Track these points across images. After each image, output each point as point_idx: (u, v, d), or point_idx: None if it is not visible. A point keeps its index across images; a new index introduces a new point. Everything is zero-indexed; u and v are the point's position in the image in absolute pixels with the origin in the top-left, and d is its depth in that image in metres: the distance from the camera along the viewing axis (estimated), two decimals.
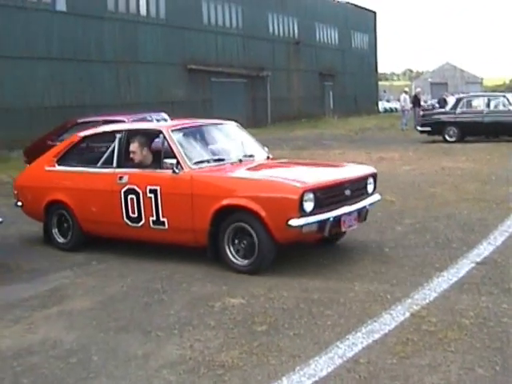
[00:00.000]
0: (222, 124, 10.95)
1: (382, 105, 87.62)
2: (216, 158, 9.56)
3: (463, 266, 8.44)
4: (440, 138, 28.19)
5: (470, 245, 9.52)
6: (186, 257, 9.43)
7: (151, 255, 9.71)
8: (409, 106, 39.93)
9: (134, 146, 9.84)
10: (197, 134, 10.02)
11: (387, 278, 8.06)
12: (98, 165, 10.07)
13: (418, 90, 44.28)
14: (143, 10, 39.21)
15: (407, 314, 6.75)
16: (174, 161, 9.00)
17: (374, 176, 9.66)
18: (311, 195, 8.19)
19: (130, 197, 9.49)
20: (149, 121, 15.49)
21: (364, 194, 9.38)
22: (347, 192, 8.85)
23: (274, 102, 51.84)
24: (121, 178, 9.59)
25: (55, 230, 10.64)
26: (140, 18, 38.81)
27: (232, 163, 9.51)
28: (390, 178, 16.61)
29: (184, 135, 9.63)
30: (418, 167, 19.09)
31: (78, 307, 7.54)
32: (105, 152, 10.16)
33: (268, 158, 10.32)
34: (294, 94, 56.84)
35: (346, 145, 28.80)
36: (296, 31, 58.31)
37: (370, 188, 9.51)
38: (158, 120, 15.62)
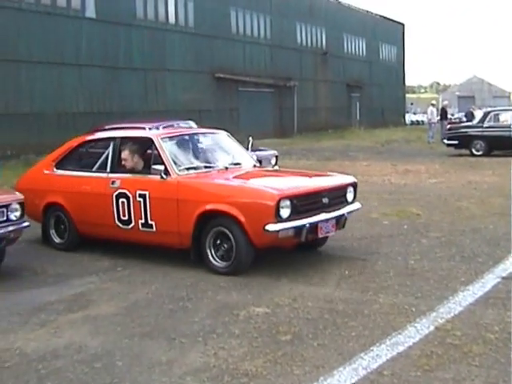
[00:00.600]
0: (212, 133, 11.46)
1: (409, 117, 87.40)
2: (203, 165, 10.03)
3: (489, 281, 8.39)
4: (467, 151, 28.05)
5: (495, 259, 9.46)
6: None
7: (175, 262, 9.72)
8: (436, 118, 39.79)
9: (125, 153, 10.34)
10: (186, 142, 10.58)
11: (412, 291, 8.03)
12: (93, 169, 10.61)
13: (445, 103, 44.14)
14: (172, 19, 39.40)
15: (432, 327, 6.72)
16: (162, 167, 9.47)
17: (353, 185, 10.08)
18: (288, 202, 8.64)
19: (121, 200, 9.98)
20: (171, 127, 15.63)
21: (343, 202, 9.78)
22: (325, 200, 9.27)
23: (300, 113, 51.86)
24: (113, 182, 10.12)
25: (52, 231, 11.09)
26: (168, 26, 38.99)
27: (218, 170, 9.95)
28: (416, 191, 16.59)
29: (173, 143, 10.17)
30: (444, 180, 19.01)
31: (103, 312, 7.57)
32: (100, 157, 10.65)
33: (254, 166, 10.71)
34: (321, 104, 56.84)
35: (372, 156, 28.74)
36: (324, 42, 58.32)
37: (349, 197, 9.92)
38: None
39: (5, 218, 9.08)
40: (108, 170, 10.34)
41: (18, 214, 9.23)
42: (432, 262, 9.46)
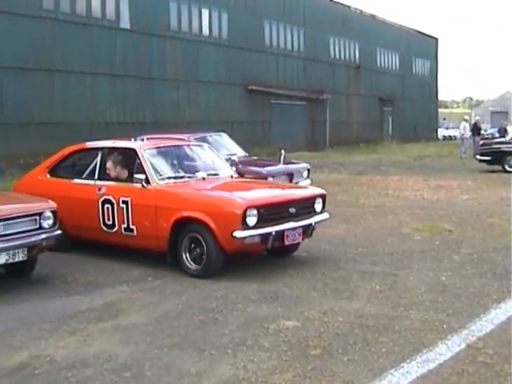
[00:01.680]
0: (193, 145, 12.42)
1: (441, 132, 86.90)
2: (181, 175, 10.78)
3: None
4: (499, 167, 27.82)
5: None
6: (240, 277, 9.51)
7: None
8: (468, 134, 39.55)
9: (110, 163, 11.17)
10: (168, 154, 11.33)
11: (443, 308, 7.98)
12: (83, 177, 11.42)
13: (478, 118, 43.91)
14: (206, 30, 39.54)
15: (463, 345, 6.67)
16: (143, 176, 10.25)
17: (322, 196, 10.65)
18: (254, 211, 9.33)
19: (106, 206, 10.75)
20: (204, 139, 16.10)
21: (311, 212, 10.37)
22: (292, 210, 9.90)
23: (332, 126, 51.79)
24: (99, 189, 10.90)
25: None
26: (202, 38, 39.13)
27: (196, 180, 10.66)
28: (448, 207, 16.49)
29: (155, 154, 10.89)
30: (476, 196, 18.87)
31: (133, 322, 7.60)
32: (89, 166, 11.46)
33: (232, 177, 11.35)
34: (353, 118, 56.73)
35: (404, 171, 28.61)
36: (357, 55, 58.23)
37: (317, 207, 10.50)
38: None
39: (37, 226, 9.17)
40: (96, 177, 11.13)
41: (50, 222, 9.31)
42: (464, 278, 9.39)
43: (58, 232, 9.50)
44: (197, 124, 34.35)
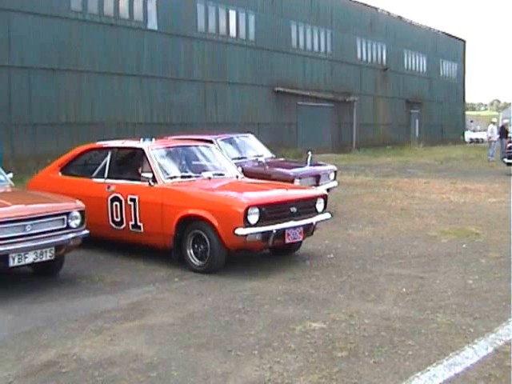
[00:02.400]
0: (200, 146, 12.53)
1: (468, 135, 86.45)
2: (188, 174, 11.12)
3: None
4: None
5: None
6: (266, 278, 9.53)
7: (231, 275, 9.78)
8: (496, 136, 39.32)
9: (120, 161, 11.76)
10: (175, 154, 11.66)
11: (470, 311, 7.93)
12: (93, 175, 11.74)
13: (506, 121, 43.71)
14: (233, 32, 39.59)
15: (490, 349, 6.62)
16: (150, 175, 10.65)
17: (323, 197, 11.01)
18: (256, 209, 9.68)
19: (114, 203, 11.10)
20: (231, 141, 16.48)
21: (313, 212, 10.72)
22: (293, 209, 10.24)
23: (359, 128, 51.68)
24: (109, 187, 11.24)
25: None
26: (229, 39, 39.19)
27: (201, 180, 11.03)
28: (475, 210, 16.40)
29: (162, 154, 11.27)
30: (503, 200, 18.72)
31: (160, 322, 7.62)
32: (99, 164, 11.79)
33: (237, 177, 11.72)
34: (380, 120, 56.59)
35: (430, 174, 28.47)
36: (384, 57, 58.05)
37: (319, 207, 10.86)
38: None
39: (65, 226, 9.21)
40: (105, 175, 11.48)
41: (78, 221, 9.35)
42: (491, 282, 9.33)
43: (86, 232, 9.54)
44: (223, 125, 34.46)
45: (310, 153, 16.09)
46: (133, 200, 10.79)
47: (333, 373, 6.02)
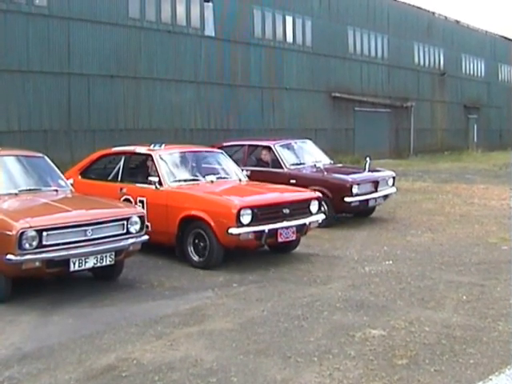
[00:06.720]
0: (207, 152, 13.55)
1: None
2: (191, 178, 12.02)
3: None
4: None
5: None
6: (325, 285, 9.51)
7: (289, 281, 9.78)
8: None
9: (131, 166, 12.60)
10: (181, 159, 12.56)
11: None
12: (109, 178, 12.68)
13: None
14: (290, 38, 39.54)
15: None
16: (156, 178, 11.58)
17: (318, 199, 11.79)
18: (249, 211, 10.49)
19: None
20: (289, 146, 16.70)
21: (306, 213, 11.46)
22: (285, 210, 11.03)
23: (417, 133, 51.20)
24: (121, 189, 12.14)
25: None
26: (286, 45, 39.14)
27: (205, 183, 11.84)
28: None
29: (168, 159, 12.12)
30: None
31: (219, 328, 7.63)
32: (114, 169, 12.73)
33: (240, 180, 12.51)
34: (438, 125, 56.02)
35: (489, 180, 28.10)
36: (442, 62, 57.45)
37: (313, 209, 11.61)
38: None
39: (125, 231, 9.29)
40: (119, 179, 12.47)
41: (137, 227, 9.42)
42: None
43: (145, 237, 9.61)
44: (280, 131, 34.41)
45: (368, 159, 15.99)
46: (141, 202, 11.67)
47: (393, 380, 5.97)
